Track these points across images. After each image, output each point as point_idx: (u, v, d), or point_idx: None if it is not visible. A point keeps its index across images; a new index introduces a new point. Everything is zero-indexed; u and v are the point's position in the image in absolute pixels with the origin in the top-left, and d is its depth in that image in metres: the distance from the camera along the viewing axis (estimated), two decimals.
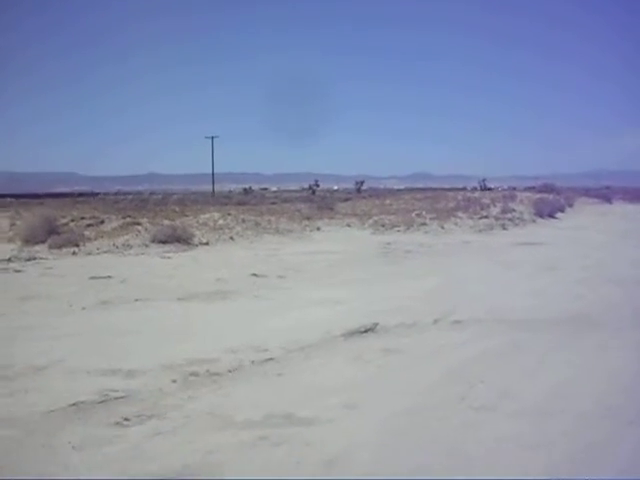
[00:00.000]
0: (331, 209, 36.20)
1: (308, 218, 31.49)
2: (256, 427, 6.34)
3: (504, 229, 32.96)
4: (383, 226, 31.12)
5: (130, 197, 69.33)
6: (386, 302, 12.84)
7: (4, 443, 6.03)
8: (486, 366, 8.52)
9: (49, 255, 21.15)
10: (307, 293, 14.02)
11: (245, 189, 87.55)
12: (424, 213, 34.97)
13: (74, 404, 7.04)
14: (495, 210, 39.01)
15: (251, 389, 7.57)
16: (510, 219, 36.29)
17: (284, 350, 9.23)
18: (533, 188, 71.93)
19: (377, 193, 70.36)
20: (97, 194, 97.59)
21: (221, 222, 27.79)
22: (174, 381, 7.83)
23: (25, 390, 7.58)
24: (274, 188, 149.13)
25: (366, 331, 10.45)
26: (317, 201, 44.15)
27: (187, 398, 7.23)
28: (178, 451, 5.81)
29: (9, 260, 20.24)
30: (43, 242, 23.07)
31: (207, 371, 8.19)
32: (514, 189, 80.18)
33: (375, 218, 32.86)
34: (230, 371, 8.24)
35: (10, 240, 24.91)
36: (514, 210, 39.86)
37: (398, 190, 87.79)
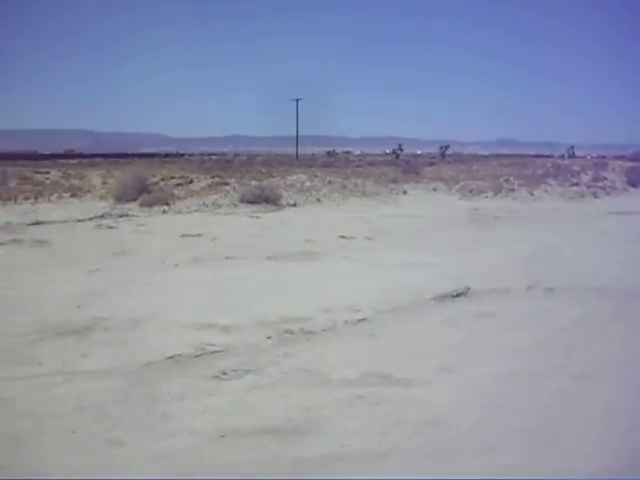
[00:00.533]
0: (417, 173, 35.71)
1: (394, 181, 31.17)
2: (353, 386, 6.31)
3: (595, 197, 31.94)
4: (470, 191, 30.59)
5: (215, 158, 70.11)
6: (477, 267, 12.63)
7: (108, 392, 6.18)
8: (582, 334, 8.28)
9: (140, 213, 21.58)
10: (396, 256, 13.91)
11: (329, 152, 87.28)
12: (512, 179, 34.18)
13: (171, 357, 7.15)
14: (586, 178, 37.78)
15: (345, 348, 7.55)
16: (602, 187, 35.13)
17: (376, 311, 9.18)
18: (623, 157, 69.40)
19: (462, 158, 69.03)
20: (182, 155, 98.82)
21: (308, 184, 27.80)
22: (269, 337, 7.87)
23: (125, 342, 7.75)
24: (357, 152, 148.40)
25: (458, 295, 10.29)
26: (402, 165, 43.62)
27: (283, 355, 7.25)
28: (277, 406, 5.84)
29: (102, 217, 20.76)
30: (134, 200, 23.55)
31: (301, 329, 8.21)
32: (604, 157, 77.58)
33: (462, 183, 32.30)
34: (324, 330, 8.24)
35: (102, 198, 25.52)
36: (605, 178, 38.55)
37: (483, 156, 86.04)
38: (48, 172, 29.86)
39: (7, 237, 16.74)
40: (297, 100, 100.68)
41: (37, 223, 19.58)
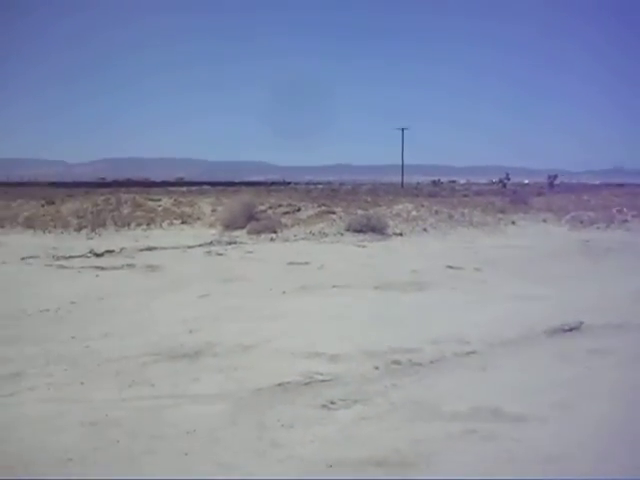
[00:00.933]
0: (525, 203, 35.00)
1: (502, 211, 30.68)
2: (463, 419, 6.19)
3: None
4: (581, 222, 29.74)
5: (321, 187, 70.82)
6: (589, 300, 12.20)
7: (218, 417, 6.27)
8: None
9: (248, 240, 22.02)
10: (505, 287, 13.62)
11: (434, 181, 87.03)
12: (625, 210, 33.03)
13: (281, 384, 7.20)
14: None
15: (455, 381, 7.42)
16: None
17: (486, 344, 8.99)
18: None
19: (571, 188, 67.22)
20: (289, 183, 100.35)
21: (414, 213, 27.71)
22: (376, 368, 7.83)
23: (234, 368, 7.86)
24: (462, 181, 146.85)
25: (570, 329, 9.96)
26: (509, 195, 42.88)
27: (390, 385, 7.19)
28: (385, 437, 5.78)
29: (211, 243, 21.30)
30: (242, 227, 24.06)
31: (409, 360, 8.12)
32: None
33: (572, 214, 31.44)
34: (432, 362, 8.12)
35: (211, 225, 26.19)
36: None
37: (594, 185, 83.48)
38: (160, 199, 30.84)
39: (122, 262, 17.39)
40: (403, 129, 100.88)
41: (149, 249, 20.26)
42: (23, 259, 18.25)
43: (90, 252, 19.43)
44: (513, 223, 28.54)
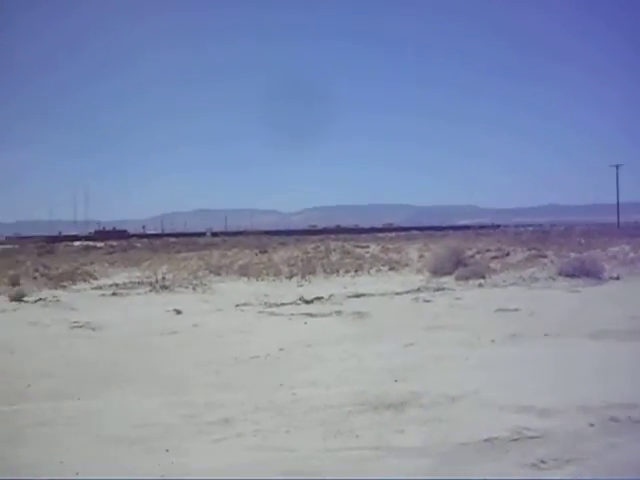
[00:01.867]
0: None
1: None
2: None
3: None
4: None
5: (531, 229, 68.79)
6: None
7: (420, 473, 6.07)
8: None
9: (456, 286, 21.66)
10: None
11: None
12: None
13: (487, 439, 6.87)
14: None
15: None
16: None
17: None
18: None
19: None
20: (498, 226, 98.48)
21: (632, 255, 26.03)
22: (591, 425, 7.27)
23: (440, 420, 7.63)
24: None
25: None
26: None
27: (607, 445, 6.63)
28: None
29: (418, 290, 21.17)
30: (450, 273, 23.75)
31: (629, 418, 7.48)
32: None
33: None
34: None
35: (419, 271, 26.13)
36: None
37: None
38: (368, 246, 31.31)
39: (330, 309, 17.70)
40: (617, 166, 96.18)
41: (357, 295, 20.49)
42: (237, 306, 19.11)
43: (300, 299, 19.98)
44: None
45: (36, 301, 21.37)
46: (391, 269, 27.37)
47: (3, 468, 6.51)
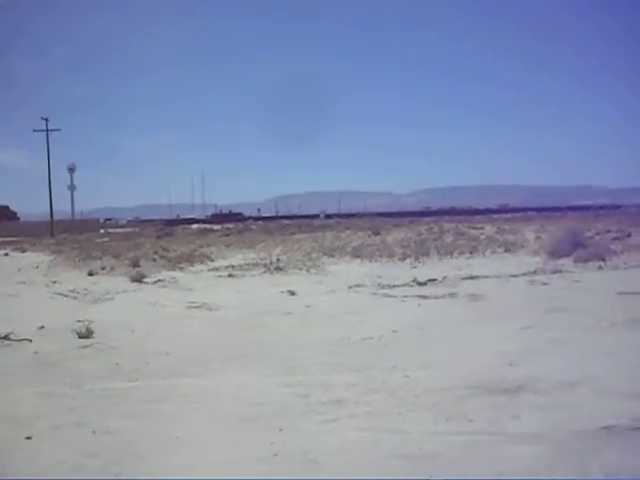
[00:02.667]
0: None
1: None
2: None
3: None
4: None
5: None
6: None
7: (533, 459, 5.93)
8: None
9: (574, 268, 21.04)
10: None
11: None
12: None
13: (606, 427, 6.64)
14: None
15: None
16: None
17: None
18: None
19: None
20: (618, 207, 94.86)
21: None
22: None
23: (556, 406, 7.43)
24: None
25: None
26: None
27: None
28: None
29: (535, 272, 20.66)
30: (568, 255, 23.06)
31: None
32: None
33: None
34: None
35: (535, 253, 25.48)
36: None
37: None
38: (482, 227, 30.82)
39: (444, 291, 17.54)
40: None
41: (471, 277, 20.21)
42: (350, 287, 19.21)
43: (413, 281, 19.88)
44: None
45: (155, 282, 22.19)
46: (506, 251, 26.83)
47: (121, 443, 6.78)
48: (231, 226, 57.73)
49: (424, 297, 16.71)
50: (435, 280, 19.89)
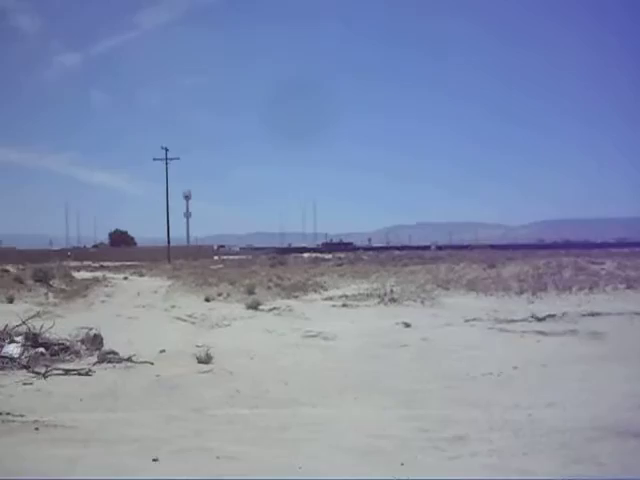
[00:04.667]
0: None
1: None
2: None
3: None
4: None
5: None
6: None
7: None
8: None
9: None
10: None
11: None
12: None
13: None
14: None
15: None
16: None
17: None
18: None
19: None
20: None
21: None
22: None
23: None
24: None
25: None
26: None
27: None
28: None
29: None
30: None
31: None
32: None
33: None
34: None
35: None
36: None
37: None
38: (603, 262, 29.77)
39: (563, 327, 17.08)
40: None
41: (592, 314, 19.54)
42: (466, 321, 18.93)
43: (531, 316, 19.40)
44: None
45: (270, 310, 22.53)
46: (629, 287, 25.81)
47: (245, 469, 6.88)
48: (342, 255, 57.86)
49: (543, 333, 16.30)
50: (554, 316, 19.33)
